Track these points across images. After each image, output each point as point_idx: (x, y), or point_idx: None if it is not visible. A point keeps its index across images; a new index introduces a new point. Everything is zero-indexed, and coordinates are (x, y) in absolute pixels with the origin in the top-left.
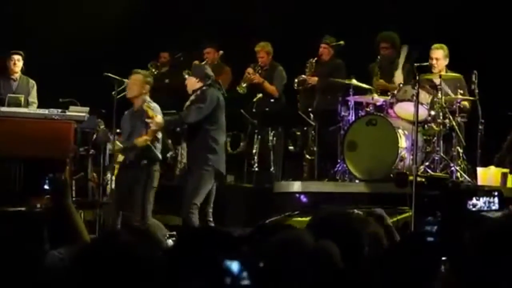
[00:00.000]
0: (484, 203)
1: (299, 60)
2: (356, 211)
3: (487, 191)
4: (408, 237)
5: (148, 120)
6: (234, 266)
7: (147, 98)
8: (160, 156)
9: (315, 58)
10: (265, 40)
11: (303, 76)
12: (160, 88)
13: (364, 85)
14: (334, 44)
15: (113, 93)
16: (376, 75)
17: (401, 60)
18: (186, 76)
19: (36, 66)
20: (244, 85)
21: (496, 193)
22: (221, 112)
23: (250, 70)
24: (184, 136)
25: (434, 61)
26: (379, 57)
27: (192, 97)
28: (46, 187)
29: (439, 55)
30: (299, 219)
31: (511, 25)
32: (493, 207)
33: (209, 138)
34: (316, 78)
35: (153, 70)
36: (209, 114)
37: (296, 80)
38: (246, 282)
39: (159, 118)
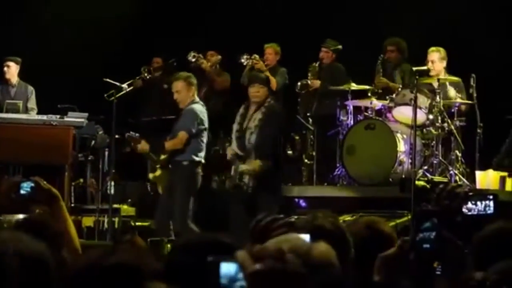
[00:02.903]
0: (479, 207)
1: (300, 66)
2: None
3: (482, 195)
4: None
5: None
6: (231, 267)
7: (196, 98)
8: (201, 158)
9: (318, 62)
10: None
11: (305, 80)
12: (152, 93)
13: (363, 87)
14: (333, 49)
15: (109, 97)
16: (379, 72)
17: None
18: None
19: (35, 72)
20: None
21: (491, 197)
22: None
23: (256, 56)
24: None
25: (430, 64)
26: (382, 55)
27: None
28: (23, 192)
29: (435, 58)
30: None
31: (508, 28)
32: (489, 211)
33: None
34: (318, 82)
35: (145, 74)
36: None
37: (298, 84)
38: (242, 283)
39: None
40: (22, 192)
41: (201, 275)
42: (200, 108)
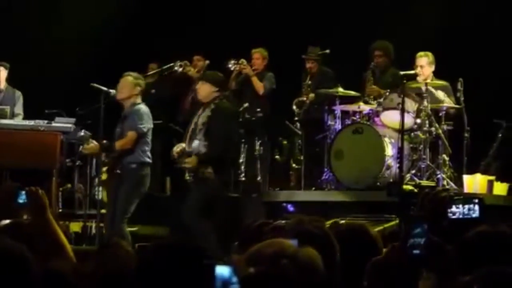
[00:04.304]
0: (464, 210)
1: (288, 71)
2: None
3: (467, 199)
4: (393, 250)
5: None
6: (225, 271)
7: (138, 100)
8: (150, 159)
9: (308, 78)
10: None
11: (300, 98)
12: (146, 98)
13: (351, 93)
14: (319, 53)
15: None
16: (369, 81)
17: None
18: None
19: (22, 77)
20: (233, 83)
21: (476, 200)
22: None
23: (243, 60)
24: None
25: (419, 69)
26: (372, 63)
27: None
28: (20, 201)
29: (424, 63)
30: None
31: (495, 33)
32: (474, 215)
33: None
34: (312, 94)
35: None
36: None
37: (294, 106)
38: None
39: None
40: (20, 201)
41: (179, 278)
42: (145, 109)
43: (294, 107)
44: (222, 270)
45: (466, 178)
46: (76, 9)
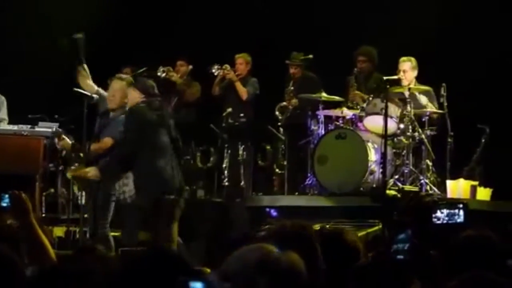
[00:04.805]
0: (449, 215)
1: (272, 76)
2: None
3: (451, 204)
4: (378, 255)
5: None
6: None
7: (126, 106)
8: None
9: (291, 83)
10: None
11: (283, 103)
12: None
13: (335, 98)
14: (302, 58)
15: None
16: (352, 86)
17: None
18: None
19: (4, 82)
20: (217, 88)
21: (461, 205)
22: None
23: (227, 66)
24: None
25: (402, 74)
26: (355, 69)
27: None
28: (4, 204)
29: (407, 67)
30: None
31: (479, 37)
32: (458, 220)
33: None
34: (295, 100)
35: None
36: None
37: (277, 111)
38: None
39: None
40: (3, 204)
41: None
42: None
43: (277, 112)
44: (198, 286)
45: (449, 183)
46: (58, 13)
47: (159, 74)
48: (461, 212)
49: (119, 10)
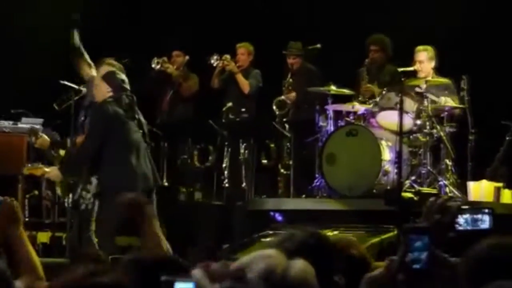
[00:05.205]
0: (472, 221)
1: (275, 68)
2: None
3: (477, 209)
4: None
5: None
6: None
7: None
8: None
9: (290, 75)
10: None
11: (281, 97)
12: None
13: (345, 91)
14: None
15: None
16: (364, 79)
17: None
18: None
19: None
20: (216, 81)
21: (487, 211)
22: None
23: (227, 56)
24: None
25: (418, 65)
26: (367, 60)
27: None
28: None
29: (423, 58)
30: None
31: (505, 27)
32: (483, 226)
33: None
34: (293, 94)
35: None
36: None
37: (274, 106)
38: None
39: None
40: None
41: None
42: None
43: (274, 107)
44: (184, 287)
45: (471, 185)
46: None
47: (153, 65)
48: (486, 218)
49: None
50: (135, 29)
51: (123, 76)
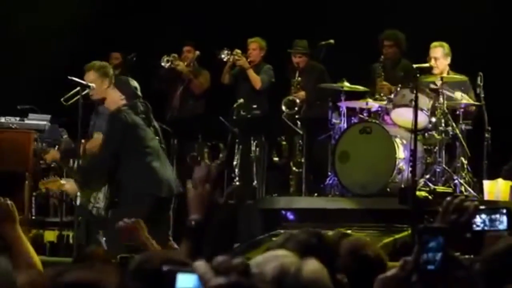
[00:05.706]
0: (489, 221)
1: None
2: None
3: (494, 209)
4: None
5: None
6: (190, 280)
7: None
8: None
9: (297, 74)
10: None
11: (288, 97)
12: None
13: (358, 88)
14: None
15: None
16: (380, 76)
17: None
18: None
19: None
20: (227, 76)
21: (504, 211)
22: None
23: (238, 51)
24: None
25: (433, 61)
26: (382, 57)
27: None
28: None
29: (438, 54)
30: None
31: None
32: (500, 226)
33: None
34: (303, 92)
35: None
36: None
37: (283, 106)
38: None
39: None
40: None
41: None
42: None
43: (284, 107)
44: (187, 279)
45: (486, 183)
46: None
47: (163, 64)
48: (504, 218)
49: None
50: (143, 24)
51: (135, 83)
